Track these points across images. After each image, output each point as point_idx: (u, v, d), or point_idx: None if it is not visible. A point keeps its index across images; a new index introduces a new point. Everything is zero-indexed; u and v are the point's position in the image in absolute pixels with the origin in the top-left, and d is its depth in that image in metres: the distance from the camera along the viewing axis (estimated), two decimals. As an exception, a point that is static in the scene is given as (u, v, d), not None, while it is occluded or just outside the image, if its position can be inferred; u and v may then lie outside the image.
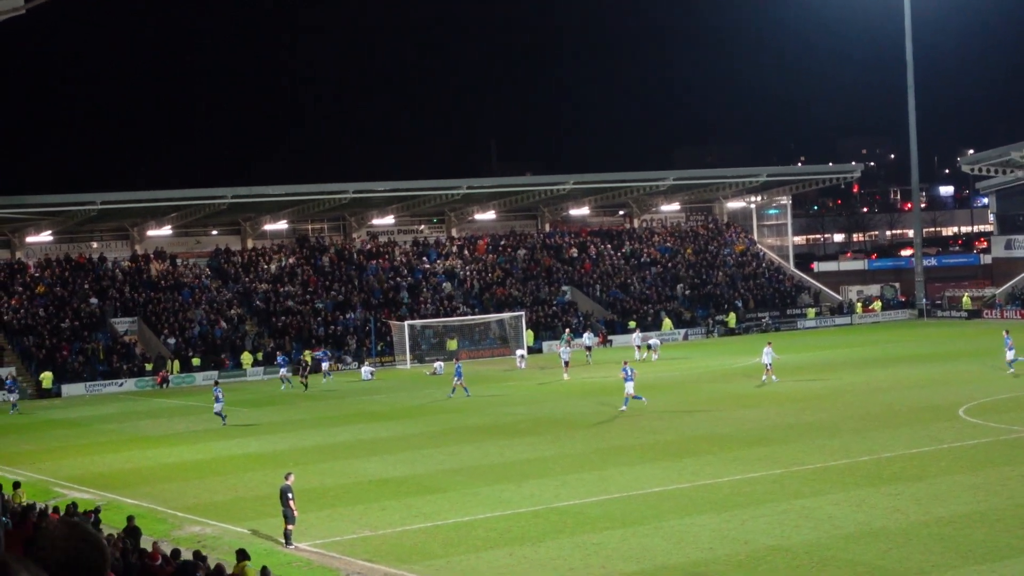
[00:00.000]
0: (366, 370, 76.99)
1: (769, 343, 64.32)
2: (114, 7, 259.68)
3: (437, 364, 77.93)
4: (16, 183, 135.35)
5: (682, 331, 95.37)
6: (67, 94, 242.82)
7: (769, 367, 61.28)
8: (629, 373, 53.33)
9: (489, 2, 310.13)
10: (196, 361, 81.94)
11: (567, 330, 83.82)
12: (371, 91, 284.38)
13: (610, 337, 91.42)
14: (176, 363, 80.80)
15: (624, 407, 52.75)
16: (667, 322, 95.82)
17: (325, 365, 79.66)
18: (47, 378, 76.82)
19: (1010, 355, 60.42)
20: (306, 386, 71.08)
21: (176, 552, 25.55)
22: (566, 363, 70.56)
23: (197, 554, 26.12)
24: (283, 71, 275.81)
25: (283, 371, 74.44)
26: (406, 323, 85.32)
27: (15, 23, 28.20)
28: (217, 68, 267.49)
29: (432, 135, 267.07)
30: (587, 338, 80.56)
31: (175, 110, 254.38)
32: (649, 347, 78.83)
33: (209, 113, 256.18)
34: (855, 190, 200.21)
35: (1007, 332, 63.26)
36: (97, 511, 32.42)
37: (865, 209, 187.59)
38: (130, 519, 29.00)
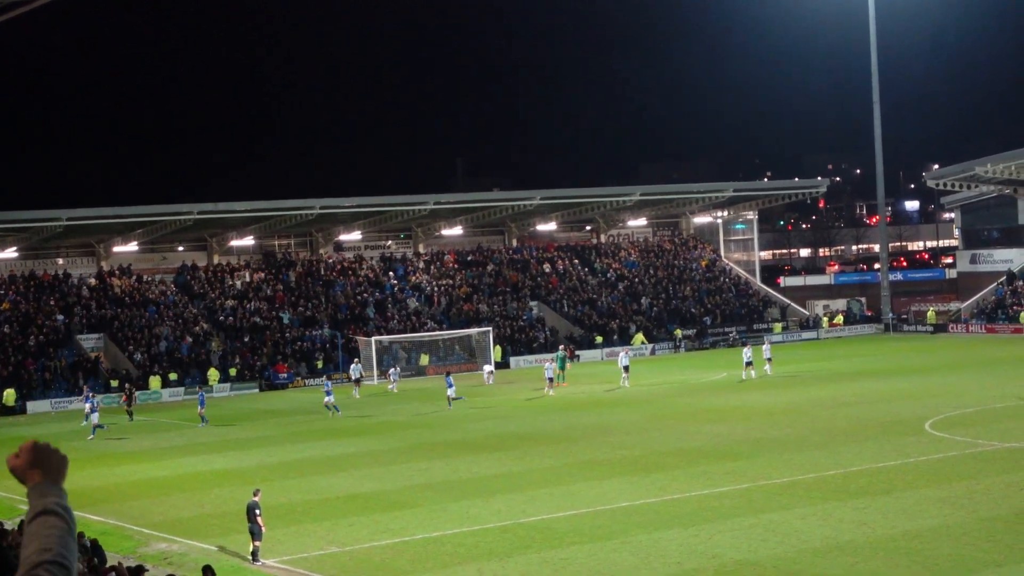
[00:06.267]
0: (394, 374, 77.70)
1: None
2: (75, 21, 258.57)
3: (392, 370, 78.54)
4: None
5: (650, 346, 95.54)
6: (29, 109, 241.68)
7: None
8: None
9: (454, 19, 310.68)
10: (173, 376, 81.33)
11: (561, 347, 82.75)
12: (337, 107, 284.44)
13: (578, 352, 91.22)
14: (157, 379, 79.95)
15: None
16: (638, 337, 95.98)
17: (94, 416, 62.24)
18: (10, 395, 76.14)
19: (450, 392, 63.14)
20: (130, 415, 68.00)
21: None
22: (550, 380, 69.72)
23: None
24: (249, 87, 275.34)
25: (90, 405, 63.28)
26: (373, 339, 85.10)
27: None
28: (183, 83, 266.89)
29: (399, 151, 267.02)
30: (622, 358, 73.73)
31: (140, 126, 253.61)
32: (768, 359, 73.81)
33: (175, 128, 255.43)
34: (821, 205, 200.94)
35: (448, 373, 66.08)
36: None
37: (837, 224, 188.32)
38: (92, 542, 28.90)
